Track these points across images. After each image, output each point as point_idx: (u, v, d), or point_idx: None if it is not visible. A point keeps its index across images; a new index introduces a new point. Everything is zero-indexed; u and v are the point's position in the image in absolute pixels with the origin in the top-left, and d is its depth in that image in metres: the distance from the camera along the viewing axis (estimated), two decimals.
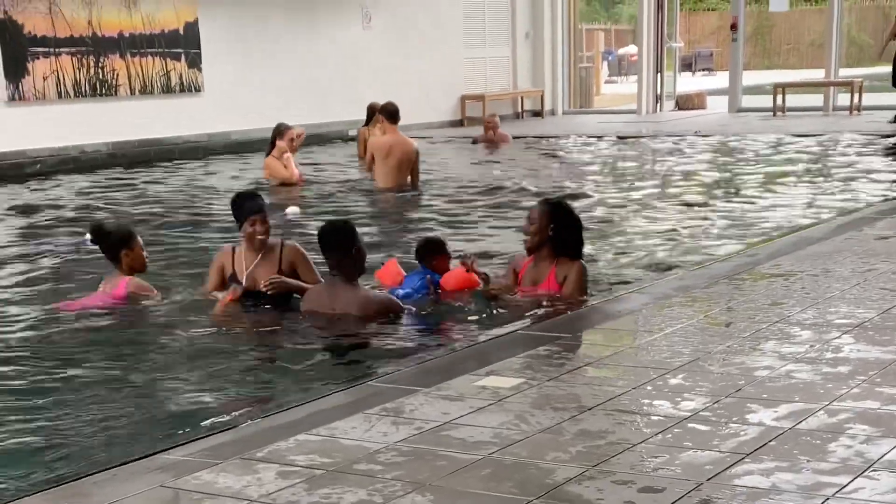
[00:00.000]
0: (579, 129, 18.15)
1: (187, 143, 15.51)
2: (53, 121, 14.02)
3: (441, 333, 5.41)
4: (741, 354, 4.39)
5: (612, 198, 10.49)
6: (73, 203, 10.96)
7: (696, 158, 13.77)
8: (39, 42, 13.88)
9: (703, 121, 18.67)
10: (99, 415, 4.29)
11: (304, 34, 17.29)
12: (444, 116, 20.00)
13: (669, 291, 5.68)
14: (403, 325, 5.57)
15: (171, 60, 15.45)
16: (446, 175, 12.35)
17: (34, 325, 5.83)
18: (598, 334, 4.99)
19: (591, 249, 7.67)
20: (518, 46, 21.46)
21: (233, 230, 6.51)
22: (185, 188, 12.18)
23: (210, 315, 5.89)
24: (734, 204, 9.81)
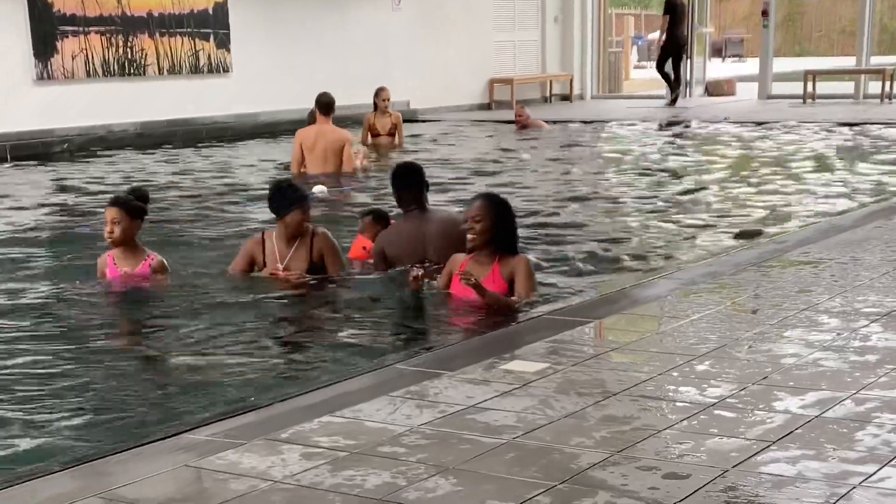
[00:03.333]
0: (609, 114, 18.06)
1: (215, 123, 15.54)
2: (82, 100, 14.08)
3: (466, 318, 5.39)
4: (768, 341, 4.36)
5: (637, 183, 10.45)
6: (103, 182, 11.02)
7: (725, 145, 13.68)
8: (69, 21, 13.92)
9: (732, 107, 18.53)
10: (123, 394, 4.31)
11: (334, 16, 17.27)
12: (473, 100, 19.95)
13: (696, 278, 5.65)
14: (428, 309, 5.56)
15: (200, 40, 15.47)
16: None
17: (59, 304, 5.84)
18: (624, 319, 4.96)
19: (620, 234, 7.68)
20: (547, 30, 21.38)
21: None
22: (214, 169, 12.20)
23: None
24: (762, 191, 9.73)
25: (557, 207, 8.90)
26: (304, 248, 6.05)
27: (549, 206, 8.98)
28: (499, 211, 5.48)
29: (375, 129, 13.16)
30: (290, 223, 6.01)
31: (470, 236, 5.46)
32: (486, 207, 5.46)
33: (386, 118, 13.17)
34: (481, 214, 5.43)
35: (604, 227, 7.98)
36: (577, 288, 5.93)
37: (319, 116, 10.74)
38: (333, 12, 17.27)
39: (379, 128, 13.08)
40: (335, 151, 10.55)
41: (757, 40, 22.76)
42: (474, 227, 5.43)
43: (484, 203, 5.50)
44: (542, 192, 9.83)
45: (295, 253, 6.03)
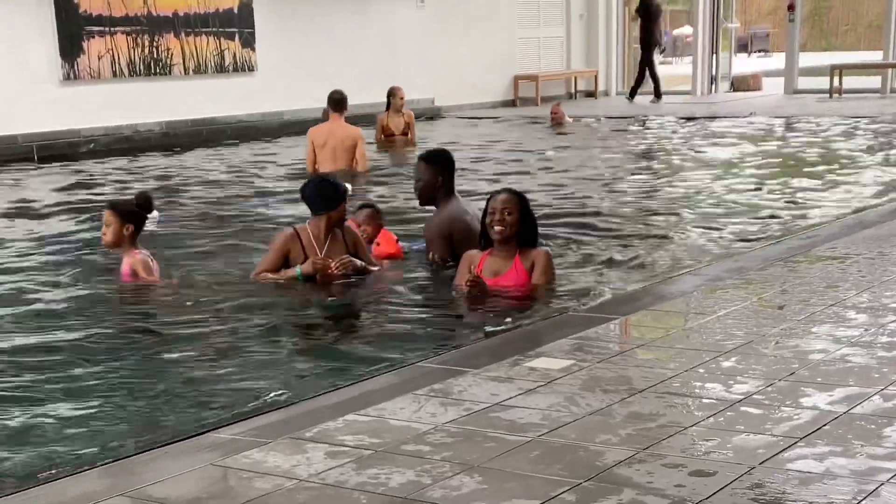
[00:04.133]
0: (634, 110, 18.01)
1: (240, 122, 15.60)
2: (108, 100, 14.16)
3: (490, 315, 5.38)
4: (795, 337, 4.33)
5: (666, 179, 10.41)
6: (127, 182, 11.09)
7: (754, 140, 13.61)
8: (95, 21, 14.01)
9: (758, 102, 18.43)
10: (149, 393, 4.33)
11: (358, 14, 17.30)
12: (497, 97, 19.94)
13: (723, 273, 5.62)
14: (453, 307, 5.55)
15: (226, 40, 15.53)
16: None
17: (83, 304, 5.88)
18: (650, 316, 4.94)
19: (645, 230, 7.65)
20: (572, 26, 21.34)
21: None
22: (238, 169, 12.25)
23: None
24: (790, 186, 9.67)
25: (582, 204, 8.88)
26: (338, 241, 6.10)
27: (573, 202, 8.96)
28: (524, 204, 5.56)
29: (389, 128, 13.13)
30: (335, 217, 6.05)
31: (499, 228, 5.51)
32: (513, 200, 5.53)
33: (399, 117, 13.15)
34: (511, 207, 5.51)
35: (629, 223, 7.96)
36: (602, 285, 5.91)
37: (332, 114, 10.74)
38: (359, 11, 17.30)
39: (392, 127, 13.06)
40: (347, 149, 10.55)
41: (783, 35, 22.62)
42: (505, 218, 5.50)
43: (511, 196, 5.57)
44: (567, 189, 9.81)
45: (332, 245, 6.07)
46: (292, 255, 6.08)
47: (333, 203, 6.04)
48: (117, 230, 5.95)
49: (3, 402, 4.22)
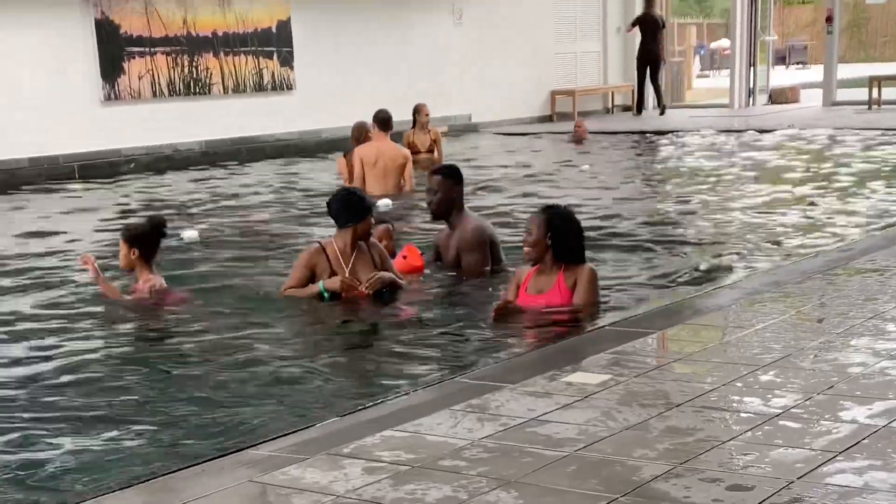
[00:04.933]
0: (671, 124, 17.95)
1: (279, 140, 15.71)
2: (148, 119, 14.32)
3: (526, 330, 5.39)
4: (834, 351, 4.31)
5: (706, 192, 10.37)
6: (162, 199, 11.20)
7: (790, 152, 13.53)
8: (135, 42, 14.18)
9: (796, 114, 18.31)
10: (187, 411, 4.36)
11: (395, 32, 17.39)
12: (534, 112, 19.95)
13: (761, 287, 5.59)
14: (488, 322, 5.56)
15: (264, 59, 15.67)
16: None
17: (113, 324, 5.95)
18: (687, 330, 4.92)
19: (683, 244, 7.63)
20: (609, 41, 21.31)
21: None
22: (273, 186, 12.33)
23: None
24: (828, 199, 9.60)
25: (619, 218, 8.87)
26: (364, 255, 6.12)
27: (610, 216, 8.95)
28: (555, 223, 5.51)
29: (415, 146, 13.11)
30: (361, 231, 6.08)
31: (525, 249, 5.56)
32: (537, 221, 5.54)
33: (425, 135, 13.15)
34: (532, 228, 5.53)
35: (666, 237, 7.93)
36: (639, 299, 5.90)
37: (377, 133, 10.75)
38: (395, 28, 17.39)
39: (418, 145, 13.05)
40: (397, 168, 10.55)
41: (821, 47, 22.49)
42: (527, 239, 5.54)
43: (536, 217, 5.59)
44: (603, 203, 9.80)
45: (358, 260, 6.10)
46: (318, 269, 6.10)
47: (360, 216, 6.06)
48: (125, 254, 6.15)
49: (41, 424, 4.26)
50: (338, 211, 6.13)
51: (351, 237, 6.08)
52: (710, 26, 40.36)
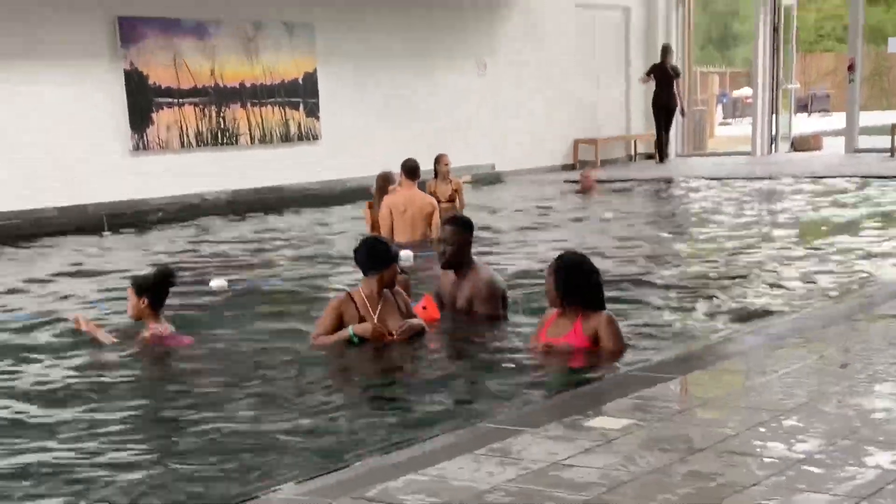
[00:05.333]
0: (694, 171, 18.00)
1: (305, 190, 15.84)
2: (175, 169, 14.48)
3: (548, 375, 5.42)
4: (857, 396, 4.31)
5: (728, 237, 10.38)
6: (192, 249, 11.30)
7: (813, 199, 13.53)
8: (164, 93, 14.38)
9: (818, 162, 18.33)
10: (213, 454, 4.40)
11: (420, 82, 17.57)
12: (557, 160, 20.04)
13: (783, 332, 5.60)
14: (510, 367, 5.60)
15: (290, 110, 15.84)
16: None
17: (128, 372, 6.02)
18: (710, 375, 4.94)
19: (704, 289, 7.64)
20: (632, 90, 21.43)
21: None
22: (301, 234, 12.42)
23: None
24: (852, 245, 9.59)
25: (642, 264, 8.90)
26: (390, 302, 6.20)
27: (633, 262, 8.98)
28: (567, 271, 5.63)
29: (436, 196, 13.15)
30: (387, 278, 6.16)
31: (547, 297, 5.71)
32: (549, 269, 5.68)
33: (446, 185, 13.20)
34: (546, 276, 5.69)
35: (688, 283, 7.94)
36: (662, 344, 5.92)
37: (405, 181, 10.83)
38: (420, 79, 17.57)
39: (440, 195, 13.07)
40: (425, 217, 10.63)
41: (843, 95, 22.54)
42: (546, 287, 5.70)
43: (549, 265, 5.73)
44: (626, 248, 9.84)
45: (385, 307, 6.17)
46: (346, 317, 6.17)
47: (385, 264, 6.15)
48: (134, 304, 6.32)
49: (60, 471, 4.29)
50: (364, 259, 6.21)
51: (377, 285, 6.16)
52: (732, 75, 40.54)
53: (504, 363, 5.69)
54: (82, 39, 13.58)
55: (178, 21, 14.44)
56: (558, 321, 5.70)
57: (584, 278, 5.66)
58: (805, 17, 40.71)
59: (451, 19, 17.93)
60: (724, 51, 46.38)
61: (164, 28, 14.29)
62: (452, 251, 6.62)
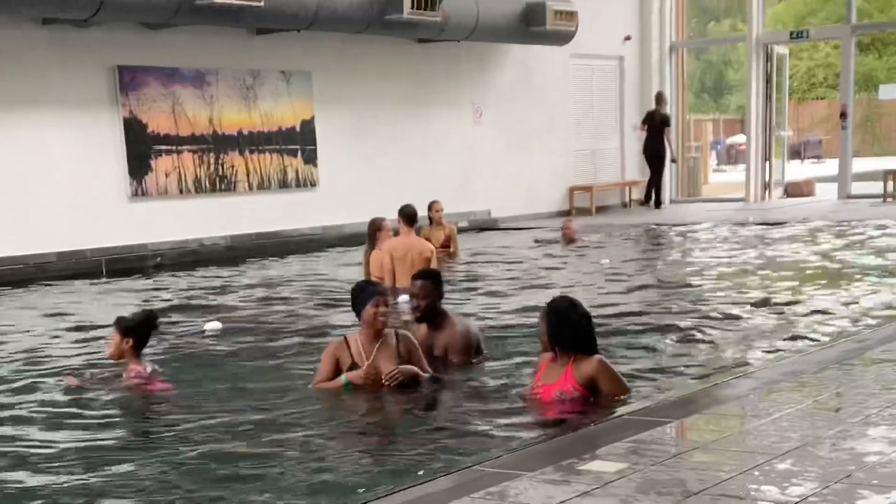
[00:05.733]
0: (688, 217, 18.11)
1: (303, 235, 15.93)
2: (174, 215, 14.58)
3: (544, 419, 5.46)
4: (851, 439, 4.34)
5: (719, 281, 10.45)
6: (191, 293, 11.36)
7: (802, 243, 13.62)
8: (162, 140, 14.49)
9: (811, 208, 18.46)
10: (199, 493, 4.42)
11: (417, 130, 17.72)
12: (553, 207, 20.16)
13: (777, 376, 5.65)
14: (507, 411, 5.64)
15: (288, 157, 15.96)
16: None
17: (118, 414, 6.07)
18: (705, 419, 4.97)
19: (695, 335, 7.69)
20: (626, 137, 21.61)
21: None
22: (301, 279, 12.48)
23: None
24: (842, 289, 9.66)
25: (636, 308, 8.96)
26: (388, 347, 6.21)
27: (627, 307, 9.04)
28: (557, 316, 5.65)
29: (430, 242, 13.25)
30: (367, 318, 6.17)
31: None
32: (542, 314, 5.72)
33: (440, 231, 13.29)
34: (539, 321, 5.73)
35: (683, 327, 7.99)
36: (657, 388, 5.96)
37: (404, 227, 10.93)
38: (417, 126, 17.72)
39: (433, 240, 13.14)
40: (424, 261, 10.71)
41: (835, 141, 22.73)
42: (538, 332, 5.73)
43: (542, 310, 5.76)
44: (622, 293, 9.90)
45: (380, 352, 6.18)
46: (342, 362, 6.21)
47: (360, 305, 6.18)
48: (117, 343, 6.48)
49: None
50: (352, 303, 6.26)
51: (364, 328, 6.22)
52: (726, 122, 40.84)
53: (500, 408, 5.72)
54: (82, 87, 13.72)
55: (176, 69, 14.59)
56: (551, 366, 5.72)
57: (575, 322, 5.66)
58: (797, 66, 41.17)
59: (447, 67, 18.11)
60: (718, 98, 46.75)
61: (163, 76, 14.44)
62: (426, 305, 6.73)
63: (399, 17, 15.31)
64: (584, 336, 5.69)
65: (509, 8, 17.40)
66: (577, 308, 5.75)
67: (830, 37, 27.39)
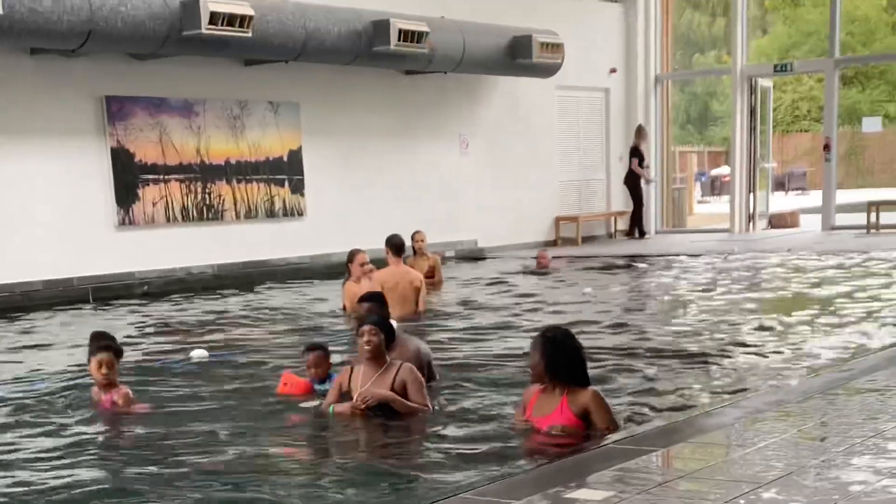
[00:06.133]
0: (673, 248, 18.20)
1: (290, 264, 15.96)
2: (161, 244, 14.60)
3: (530, 447, 5.49)
4: (835, 469, 4.38)
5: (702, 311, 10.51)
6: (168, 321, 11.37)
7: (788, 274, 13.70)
8: (150, 170, 14.53)
9: (795, 239, 18.57)
10: None
11: (404, 160, 17.80)
12: (539, 237, 20.24)
13: (762, 406, 5.68)
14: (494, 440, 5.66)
15: (276, 186, 16.01)
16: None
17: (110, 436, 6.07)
18: (690, 448, 5.01)
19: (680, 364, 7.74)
20: (612, 168, 21.75)
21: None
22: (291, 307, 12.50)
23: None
24: (826, 319, 9.73)
25: (621, 338, 9.01)
26: (386, 377, 6.30)
27: (612, 336, 9.09)
28: (553, 346, 5.63)
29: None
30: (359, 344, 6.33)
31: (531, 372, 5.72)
32: (535, 344, 5.68)
33: (423, 261, 13.32)
34: (532, 352, 5.69)
35: (669, 357, 8.03)
36: (643, 417, 6.00)
37: (392, 258, 10.98)
38: (404, 156, 17.80)
39: (418, 270, 13.24)
40: (414, 291, 10.76)
41: (819, 173, 22.90)
42: (530, 363, 5.70)
43: (535, 340, 5.72)
44: (606, 323, 9.94)
45: (377, 380, 6.27)
46: (343, 388, 6.38)
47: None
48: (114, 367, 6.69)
49: None
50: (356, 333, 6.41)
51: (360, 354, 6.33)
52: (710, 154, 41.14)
53: (485, 436, 5.75)
54: (70, 117, 13.77)
55: (164, 99, 14.64)
56: (542, 398, 5.68)
57: (571, 353, 5.66)
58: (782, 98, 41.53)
59: (434, 98, 18.23)
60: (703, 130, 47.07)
61: (151, 106, 14.49)
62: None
63: (386, 49, 15.43)
64: (580, 367, 5.68)
65: (496, 41, 17.55)
66: (573, 338, 5.76)
67: (814, 70, 27.65)
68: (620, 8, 21.72)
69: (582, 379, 5.69)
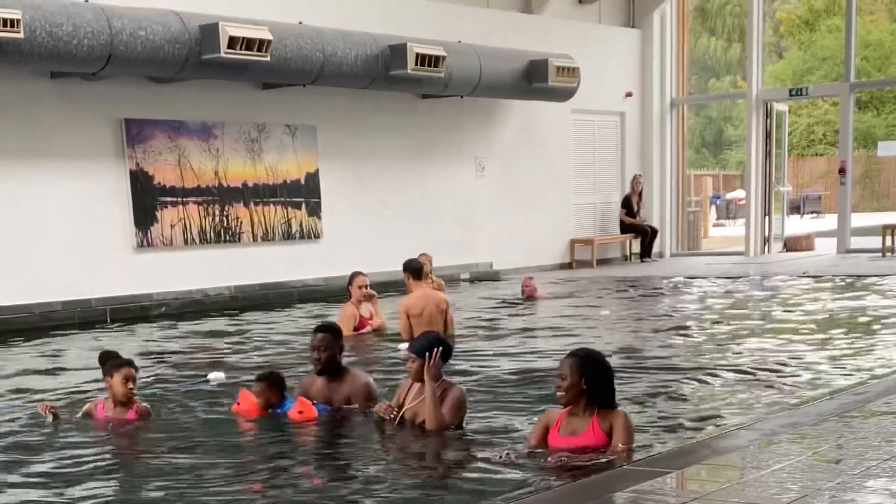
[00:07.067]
0: (688, 270, 18.21)
1: (306, 286, 16.04)
2: (179, 266, 14.70)
3: (544, 468, 5.51)
4: (851, 491, 4.39)
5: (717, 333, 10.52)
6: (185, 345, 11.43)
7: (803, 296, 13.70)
8: (168, 192, 14.65)
9: (810, 262, 18.57)
10: None
11: (420, 183, 17.89)
12: (554, 260, 20.29)
13: (777, 428, 5.70)
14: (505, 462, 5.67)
15: (293, 209, 16.10)
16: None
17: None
18: (705, 470, 5.03)
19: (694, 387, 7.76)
20: (626, 191, 21.78)
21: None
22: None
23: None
24: (841, 341, 9.74)
25: (637, 360, 9.02)
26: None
27: (628, 358, 9.10)
28: (588, 368, 5.64)
29: None
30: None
31: (559, 393, 5.70)
32: (571, 365, 5.66)
33: (429, 284, 13.35)
34: (566, 372, 5.65)
35: (685, 379, 8.05)
36: (658, 439, 6.02)
37: (413, 283, 11.01)
38: (420, 179, 17.89)
39: None
40: (441, 313, 10.76)
41: (834, 197, 22.89)
42: (561, 384, 5.67)
43: (570, 360, 5.70)
44: (621, 345, 9.97)
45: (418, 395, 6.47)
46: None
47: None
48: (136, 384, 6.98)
49: None
50: None
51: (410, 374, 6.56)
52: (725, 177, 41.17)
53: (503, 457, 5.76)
54: (90, 140, 13.91)
55: (183, 122, 14.78)
56: (570, 419, 5.68)
57: (607, 374, 5.69)
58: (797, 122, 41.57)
59: (450, 122, 18.33)
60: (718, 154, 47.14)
61: (170, 129, 14.63)
62: (326, 357, 6.98)
63: (403, 73, 15.54)
64: (613, 389, 5.73)
65: (512, 65, 17.64)
66: (605, 360, 5.82)
67: (829, 94, 27.73)
68: (636, 32, 21.81)
69: (613, 401, 5.74)
